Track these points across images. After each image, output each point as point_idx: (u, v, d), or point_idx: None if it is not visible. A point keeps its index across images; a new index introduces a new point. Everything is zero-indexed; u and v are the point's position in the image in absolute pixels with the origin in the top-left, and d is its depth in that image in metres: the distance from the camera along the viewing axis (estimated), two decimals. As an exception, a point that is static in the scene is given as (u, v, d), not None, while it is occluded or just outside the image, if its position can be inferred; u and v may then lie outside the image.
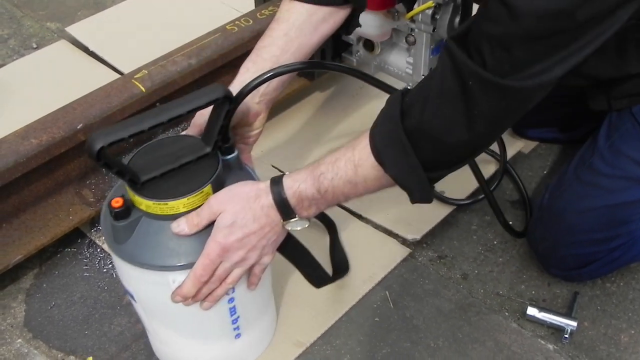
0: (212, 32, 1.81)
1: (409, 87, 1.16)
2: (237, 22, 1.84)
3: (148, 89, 1.66)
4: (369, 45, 1.87)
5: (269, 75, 1.25)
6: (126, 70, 1.93)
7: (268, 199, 1.18)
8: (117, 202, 1.13)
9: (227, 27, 1.83)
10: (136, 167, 1.15)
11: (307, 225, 1.22)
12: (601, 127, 1.52)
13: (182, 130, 1.75)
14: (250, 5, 2.01)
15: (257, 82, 1.24)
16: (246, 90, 1.23)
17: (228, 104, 1.15)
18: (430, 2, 1.63)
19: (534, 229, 1.59)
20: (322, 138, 1.93)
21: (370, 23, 1.73)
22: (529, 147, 1.91)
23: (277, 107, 1.96)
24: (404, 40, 1.79)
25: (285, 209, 1.18)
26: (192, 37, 1.82)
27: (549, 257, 1.57)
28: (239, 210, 1.16)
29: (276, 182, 1.19)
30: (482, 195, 1.70)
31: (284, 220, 1.20)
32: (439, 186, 1.75)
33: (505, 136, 1.78)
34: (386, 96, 1.25)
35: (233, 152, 1.24)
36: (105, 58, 2.18)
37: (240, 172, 1.26)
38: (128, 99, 1.63)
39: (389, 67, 1.88)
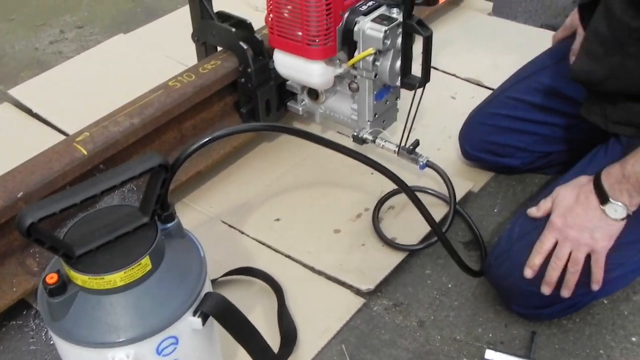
0: (155, 89, 1.79)
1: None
2: (179, 77, 1.82)
3: (90, 152, 1.63)
4: (313, 93, 1.86)
5: (208, 139, 1.24)
6: (71, 130, 1.90)
7: (589, 183, 1.38)
8: (52, 278, 1.10)
9: (169, 83, 1.81)
10: (71, 241, 1.12)
11: (624, 216, 1.36)
12: (579, 162, 1.56)
13: (128, 192, 1.73)
14: (193, 58, 2.00)
15: (195, 147, 1.22)
16: (182, 157, 1.21)
17: (164, 173, 1.13)
18: (370, 49, 1.64)
19: (500, 263, 1.54)
20: (272, 189, 1.91)
21: (312, 72, 1.73)
22: (478, 185, 1.91)
23: (225, 161, 1.95)
24: (348, 87, 1.80)
25: (599, 190, 1.36)
26: (138, 92, 1.80)
27: (513, 294, 1.55)
28: (566, 192, 1.41)
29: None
30: (434, 239, 1.70)
31: (602, 205, 1.36)
32: (390, 233, 1.75)
33: (454, 177, 1.78)
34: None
35: (173, 220, 1.22)
36: (49, 119, 2.15)
37: (182, 240, 1.23)
38: (70, 163, 1.60)
39: (334, 114, 1.88)
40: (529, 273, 1.44)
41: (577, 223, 1.38)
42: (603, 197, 1.36)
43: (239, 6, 2.67)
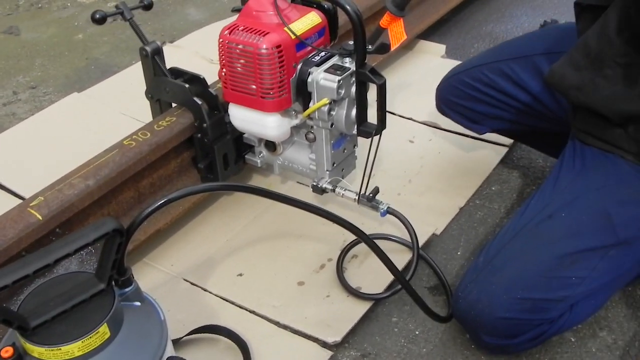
0: (110, 149, 1.76)
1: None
2: (134, 136, 1.80)
3: (45, 217, 1.59)
4: (270, 145, 1.86)
5: (162, 202, 1.22)
6: (27, 194, 1.86)
7: None
8: (7, 352, 1.08)
9: (124, 142, 1.78)
10: (26, 312, 1.10)
11: None
12: (549, 177, 1.59)
13: (87, 254, 1.70)
14: (149, 113, 1.99)
15: (149, 211, 1.21)
16: (137, 221, 1.19)
17: (119, 237, 1.12)
18: (325, 99, 1.64)
19: (467, 293, 1.53)
20: (233, 244, 1.89)
21: (268, 124, 1.73)
22: (440, 228, 1.91)
23: (185, 217, 1.92)
24: (305, 138, 1.79)
25: None
26: (94, 151, 1.77)
27: (481, 323, 1.51)
28: None
29: None
30: (400, 286, 1.68)
31: None
32: (355, 282, 1.73)
33: (416, 222, 1.77)
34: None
35: (131, 284, 1.19)
36: (4, 183, 2.11)
37: (141, 304, 1.21)
38: (24, 229, 1.56)
39: (293, 165, 1.87)
40: None
41: None
42: None
43: (193, 59, 2.68)
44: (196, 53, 2.74)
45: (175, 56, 2.40)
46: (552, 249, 1.46)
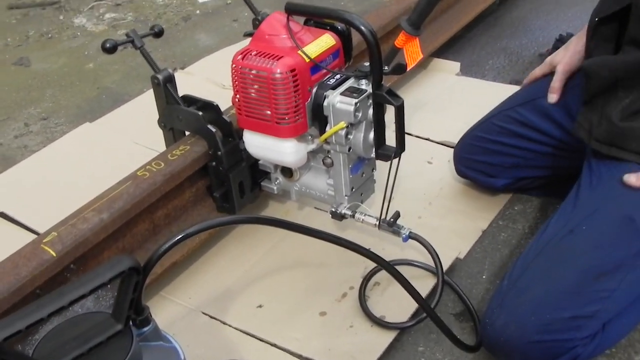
0: (123, 181, 1.73)
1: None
2: (147, 166, 1.76)
3: (59, 253, 1.55)
4: (287, 171, 1.82)
5: (181, 237, 1.19)
6: (41, 228, 1.83)
7: None
8: (23, 401, 1.03)
9: (138, 173, 1.75)
10: (41, 356, 1.05)
11: None
12: (568, 197, 1.58)
13: (102, 289, 1.65)
14: (162, 142, 1.95)
15: (166, 247, 1.17)
16: (154, 258, 1.15)
17: (136, 276, 1.07)
18: (342, 123, 1.60)
19: (495, 318, 1.48)
20: (252, 274, 1.84)
21: (284, 150, 1.69)
22: (463, 252, 1.86)
23: (201, 248, 1.88)
24: (322, 163, 1.75)
25: None
26: (108, 182, 1.74)
27: (512, 349, 1.46)
28: None
29: None
30: (425, 314, 1.63)
31: None
32: (379, 311, 1.68)
33: (439, 246, 1.72)
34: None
35: (149, 323, 1.15)
36: (17, 218, 2.07)
37: (160, 343, 1.17)
38: (38, 267, 1.52)
39: (310, 191, 1.83)
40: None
41: None
42: None
43: (205, 85, 2.66)
44: (208, 79, 2.71)
45: (187, 82, 2.37)
46: (576, 263, 1.43)
